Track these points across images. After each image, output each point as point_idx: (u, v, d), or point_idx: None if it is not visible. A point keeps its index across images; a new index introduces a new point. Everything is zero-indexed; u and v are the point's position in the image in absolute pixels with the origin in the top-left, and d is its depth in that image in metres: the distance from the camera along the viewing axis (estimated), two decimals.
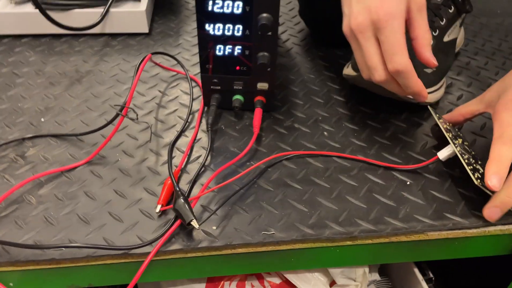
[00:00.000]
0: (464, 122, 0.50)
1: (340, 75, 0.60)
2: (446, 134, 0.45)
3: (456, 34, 0.56)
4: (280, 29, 0.71)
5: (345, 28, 0.44)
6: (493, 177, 0.38)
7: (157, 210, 0.41)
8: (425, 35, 0.43)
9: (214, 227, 0.41)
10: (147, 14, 0.68)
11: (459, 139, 0.46)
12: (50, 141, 0.49)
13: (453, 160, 0.45)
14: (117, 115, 0.47)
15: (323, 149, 0.49)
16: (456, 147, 0.43)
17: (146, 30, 0.68)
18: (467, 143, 0.47)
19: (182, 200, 0.40)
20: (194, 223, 0.38)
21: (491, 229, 0.42)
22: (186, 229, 0.40)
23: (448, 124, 0.48)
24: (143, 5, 0.67)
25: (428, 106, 0.50)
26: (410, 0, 0.41)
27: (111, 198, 0.43)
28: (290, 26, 0.72)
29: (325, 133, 0.51)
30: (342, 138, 0.51)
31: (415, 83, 0.43)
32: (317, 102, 0.56)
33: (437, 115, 0.49)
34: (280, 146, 0.50)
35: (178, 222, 0.39)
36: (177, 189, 0.41)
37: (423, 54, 0.43)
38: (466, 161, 0.42)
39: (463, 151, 0.43)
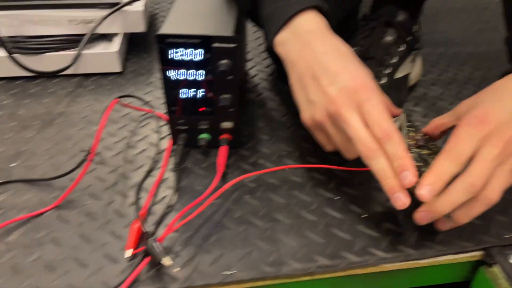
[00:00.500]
0: (441, 135, 0.48)
1: None
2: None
3: (409, 70, 0.60)
4: (249, 64, 0.74)
5: (309, 118, 0.45)
6: (426, 187, 0.38)
7: (126, 255, 0.43)
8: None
9: (178, 269, 0.42)
10: (120, 54, 0.70)
11: (423, 150, 0.46)
12: (20, 187, 0.50)
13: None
14: (83, 160, 0.48)
15: (286, 184, 0.51)
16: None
17: (119, 70, 0.70)
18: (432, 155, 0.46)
19: (152, 241, 0.41)
20: (165, 261, 0.40)
21: (442, 259, 0.44)
22: (148, 273, 0.41)
23: (422, 135, 0.48)
24: (115, 46, 0.70)
25: (402, 114, 0.50)
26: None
27: (77, 243, 0.44)
28: (258, 62, 0.75)
29: (287, 169, 0.54)
30: (303, 173, 0.53)
31: (403, 150, 0.40)
32: (282, 137, 0.59)
33: (409, 127, 0.49)
34: (244, 183, 0.52)
35: (140, 266, 0.41)
36: (145, 230, 0.43)
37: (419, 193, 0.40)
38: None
39: (418, 159, 0.44)
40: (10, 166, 0.53)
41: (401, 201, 0.39)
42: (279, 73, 0.71)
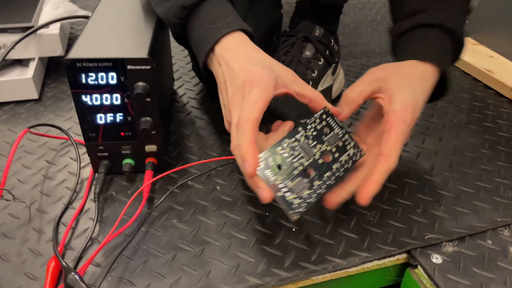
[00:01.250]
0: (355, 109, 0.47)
1: None
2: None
3: (330, 81, 0.61)
4: (177, 83, 0.73)
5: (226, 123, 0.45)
6: (369, 198, 0.41)
7: None
8: (314, 93, 0.44)
9: None
10: (35, 80, 0.66)
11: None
12: None
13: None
14: None
15: (215, 205, 0.50)
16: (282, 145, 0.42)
17: (36, 96, 0.66)
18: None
19: (72, 275, 0.38)
20: None
21: (369, 265, 0.45)
22: None
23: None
24: (30, 72, 0.66)
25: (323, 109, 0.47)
26: (280, 80, 0.43)
27: None
28: (186, 80, 0.74)
29: (218, 187, 0.53)
30: (233, 191, 0.52)
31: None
32: (211, 156, 0.58)
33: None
34: (172, 206, 0.50)
35: None
36: (65, 265, 0.40)
37: (325, 105, 0.44)
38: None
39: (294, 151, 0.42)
40: None
41: (262, 196, 0.39)
42: (207, 91, 0.71)
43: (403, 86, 0.45)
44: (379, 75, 0.46)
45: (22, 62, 0.68)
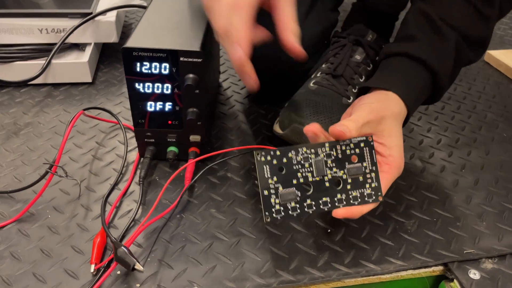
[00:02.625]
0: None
1: None
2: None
3: None
4: (222, 76, 0.74)
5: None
6: (339, 217, 0.41)
7: (92, 269, 0.42)
8: (290, 20, 0.42)
9: (138, 285, 0.41)
10: (90, 64, 0.70)
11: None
12: None
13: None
14: (46, 173, 0.47)
15: (253, 199, 0.51)
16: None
17: (89, 80, 0.70)
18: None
19: (122, 249, 0.41)
20: (138, 266, 0.40)
21: (403, 273, 0.44)
22: None
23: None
24: (86, 56, 0.69)
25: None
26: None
27: (37, 258, 0.43)
28: (232, 74, 0.75)
29: (256, 182, 0.54)
30: None
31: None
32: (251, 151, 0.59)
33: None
34: (211, 196, 0.51)
35: (99, 281, 0.40)
36: (114, 239, 0.42)
37: (286, 39, 0.42)
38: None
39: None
40: None
41: (250, 86, 0.41)
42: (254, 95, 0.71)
43: (394, 131, 0.45)
44: (371, 118, 0.43)
45: (79, 46, 0.71)
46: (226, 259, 0.44)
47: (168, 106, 0.50)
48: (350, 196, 0.41)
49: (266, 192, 0.39)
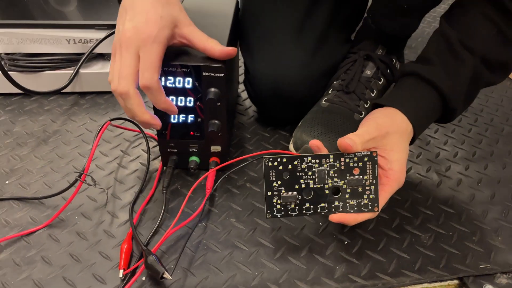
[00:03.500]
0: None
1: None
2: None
3: None
4: (241, 87, 0.76)
5: (115, 42, 0.46)
6: (335, 221, 0.44)
7: (121, 275, 0.44)
8: (210, 43, 0.47)
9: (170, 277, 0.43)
10: None
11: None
12: (13, 204, 0.52)
13: (390, 215, 0.48)
14: (75, 181, 0.50)
15: None
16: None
17: None
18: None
19: (152, 257, 0.43)
20: (167, 275, 0.42)
21: (419, 286, 0.45)
22: None
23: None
24: None
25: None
26: (177, 26, 0.46)
27: (66, 262, 0.46)
28: None
29: None
30: None
31: (163, 100, 0.46)
32: None
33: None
34: (231, 206, 0.53)
35: (126, 287, 0.42)
36: (145, 248, 0.44)
37: (218, 53, 0.47)
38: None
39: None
40: (6, 183, 0.55)
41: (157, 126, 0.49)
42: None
43: (397, 146, 0.46)
44: (377, 134, 0.45)
45: (104, 57, 0.74)
46: (246, 268, 0.46)
47: (190, 118, 0.52)
48: (347, 204, 0.44)
49: (269, 193, 0.43)
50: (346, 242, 0.49)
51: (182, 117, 0.52)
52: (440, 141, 0.65)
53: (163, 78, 0.49)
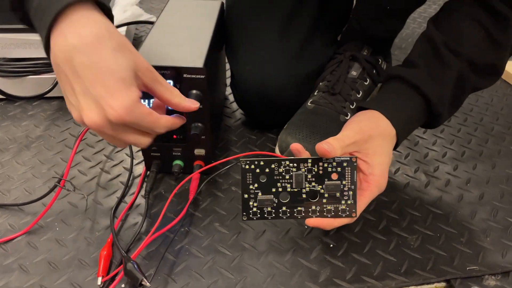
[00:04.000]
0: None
1: None
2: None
3: None
4: (228, 89, 0.75)
5: (77, 120, 0.38)
6: (311, 225, 0.43)
7: (99, 282, 0.43)
8: (172, 95, 0.41)
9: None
10: None
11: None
12: None
13: (376, 217, 0.48)
14: (55, 186, 0.49)
15: None
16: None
17: None
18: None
19: (131, 264, 0.42)
20: (145, 282, 0.41)
21: (426, 287, 0.44)
22: None
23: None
24: None
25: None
26: (139, 76, 0.39)
27: (44, 270, 0.44)
28: None
29: None
30: None
31: (180, 123, 0.44)
32: None
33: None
34: (215, 210, 0.52)
35: None
36: (125, 254, 0.43)
37: (183, 107, 0.42)
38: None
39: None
40: None
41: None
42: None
43: (380, 150, 0.45)
44: (358, 138, 0.44)
45: None
46: (228, 273, 0.45)
47: None
48: (324, 209, 0.43)
49: (246, 196, 0.43)
50: (331, 245, 0.48)
51: None
52: (429, 141, 0.65)
53: None
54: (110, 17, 0.40)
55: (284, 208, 0.43)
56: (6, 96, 0.66)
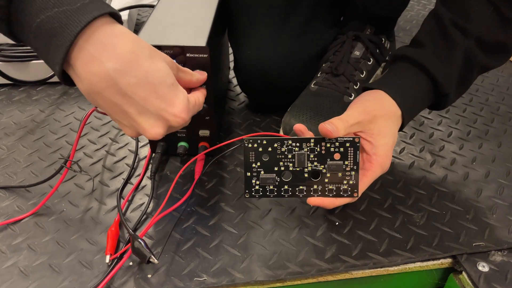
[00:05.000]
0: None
1: None
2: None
3: None
4: (232, 73, 0.75)
5: (133, 136, 0.39)
6: (312, 204, 0.43)
7: (107, 260, 0.43)
8: (193, 76, 0.42)
9: (149, 275, 0.43)
10: None
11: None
12: None
13: (382, 196, 0.48)
14: (61, 167, 0.49)
15: None
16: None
17: None
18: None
19: (138, 242, 0.42)
20: (153, 259, 0.41)
21: (411, 265, 0.44)
22: (121, 280, 0.42)
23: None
24: None
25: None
26: (172, 66, 0.38)
27: (53, 249, 0.45)
28: None
29: None
30: None
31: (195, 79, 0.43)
32: None
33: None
34: (221, 190, 0.52)
35: (113, 272, 0.42)
36: (132, 232, 0.43)
37: (201, 81, 0.44)
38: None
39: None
40: None
41: None
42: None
43: (384, 130, 0.45)
44: (363, 118, 0.44)
45: None
46: (235, 251, 0.45)
47: None
48: (326, 189, 0.43)
49: (248, 174, 0.43)
50: (337, 223, 0.48)
51: None
52: (434, 121, 0.64)
53: None
54: (121, 23, 0.36)
55: (286, 187, 0.43)
56: (10, 81, 0.66)
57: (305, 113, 0.56)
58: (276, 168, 0.43)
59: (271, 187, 0.43)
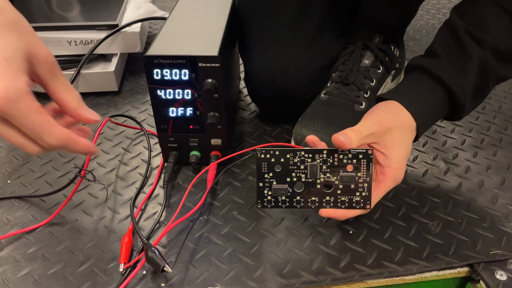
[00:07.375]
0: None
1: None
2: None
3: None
4: (242, 83, 0.76)
5: None
6: (325, 216, 0.43)
7: (121, 269, 0.43)
8: (70, 96, 0.38)
9: (163, 284, 0.42)
10: (117, 74, 0.72)
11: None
12: (14, 203, 0.52)
13: (395, 204, 0.47)
14: (75, 177, 0.50)
15: None
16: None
17: (116, 89, 0.72)
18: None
19: (153, 251, 0.42)
20: (167, 268, 0.41)
21: (427, 274, 0.44)
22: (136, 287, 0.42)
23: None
24: (112, 66, 0.72)
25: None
26: (34, 64, 0.35)
27: (67, 258, 0.45)
28: None
29: None
30: None
31: (81, 146, 0.38)
32: None
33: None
34: (233, 199, 0.52)
35: (127, 281, 0.42)
36: (146, 241, 0.44)
37: (79, 115, 0.38)
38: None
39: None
40: (8, 182, 0.55)
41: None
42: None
43: (398, 142, 0.45)
44: (377, 129, 0.43)
45: (105, 57, 0.74)
46: (248, 259, 0.45)
47: (189, 111, 0.52)
48: (338, 200, 0.43)
49: (260, 184, 0.43)
50: (351, 232, 0.48)
51: (181, 111, 0.52)
52: (447, 129, 0.64)
53: (159, 71, 0.49)
54: None
55: (298, 198, 0.43)
56: None
57: (316, 122, 0.56)
58: (288, 179, 0.43)
59: (283, 197, 0.43)
